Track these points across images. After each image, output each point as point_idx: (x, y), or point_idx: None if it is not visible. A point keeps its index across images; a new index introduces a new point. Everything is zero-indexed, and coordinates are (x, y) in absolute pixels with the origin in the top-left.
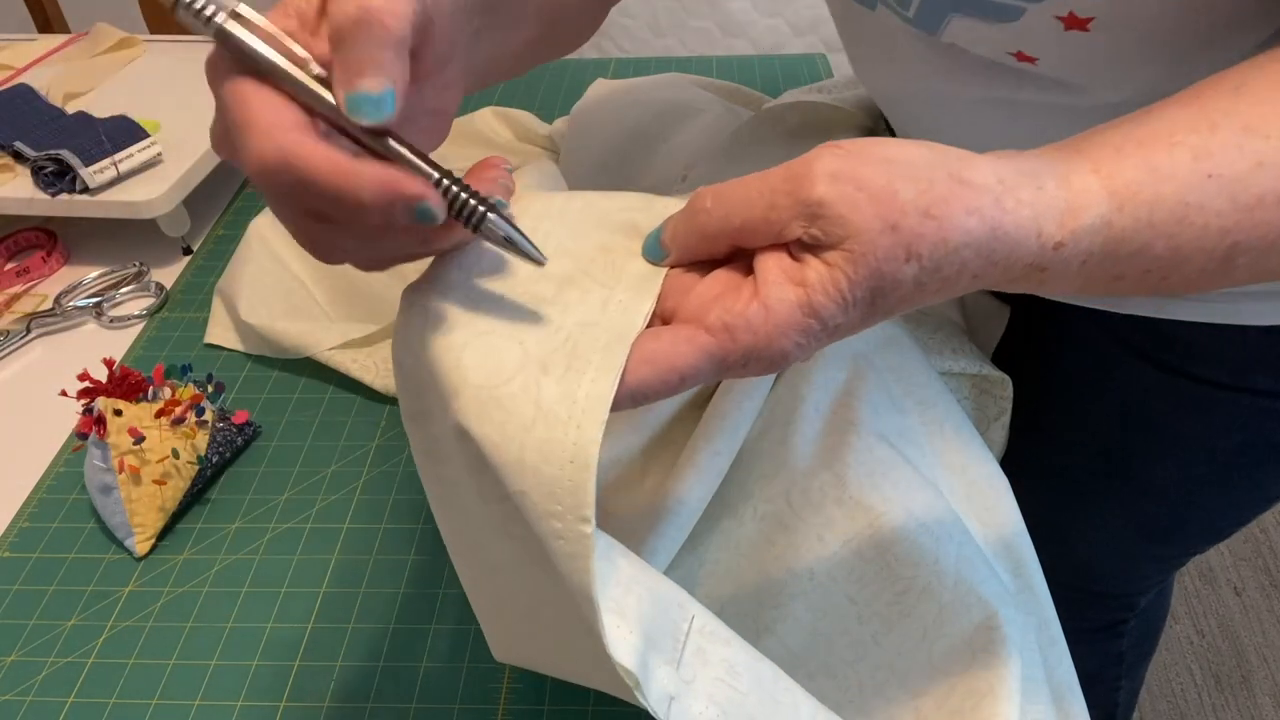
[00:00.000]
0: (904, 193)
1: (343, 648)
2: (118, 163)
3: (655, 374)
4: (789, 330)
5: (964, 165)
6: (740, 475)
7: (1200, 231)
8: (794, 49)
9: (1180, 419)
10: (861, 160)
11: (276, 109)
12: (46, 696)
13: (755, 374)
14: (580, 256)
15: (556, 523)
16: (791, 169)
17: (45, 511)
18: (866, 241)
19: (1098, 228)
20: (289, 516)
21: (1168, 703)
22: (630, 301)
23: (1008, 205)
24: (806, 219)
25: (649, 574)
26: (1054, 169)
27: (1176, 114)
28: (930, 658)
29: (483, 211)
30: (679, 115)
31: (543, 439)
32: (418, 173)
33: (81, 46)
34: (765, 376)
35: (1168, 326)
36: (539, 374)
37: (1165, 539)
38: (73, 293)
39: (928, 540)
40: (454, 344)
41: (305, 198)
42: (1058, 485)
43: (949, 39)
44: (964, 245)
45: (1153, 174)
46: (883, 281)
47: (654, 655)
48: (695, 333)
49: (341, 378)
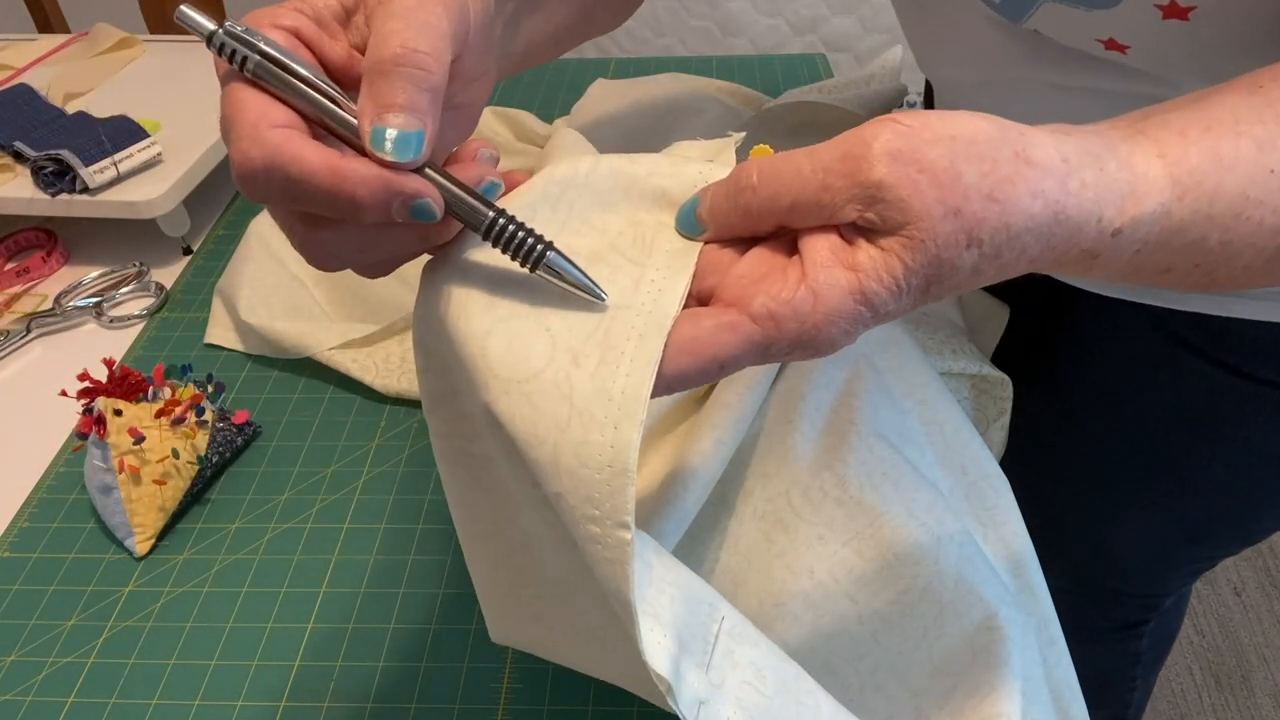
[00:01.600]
0: (967, 174)
1: (342, 648)
2: (118, 163)
3: (694, 364)
4: (839, 318)
5: (1028, 142)
6: (740, 475)
7: (1255, 228)
8: (794, 49)
9: (1234, 419)
10: (923, 138)
11: (263, 106)
12: (46, 696)
13: (798, 359)
14: (608, 230)
15: (594, 527)
16: (848, 147)
17: (45, 511)
18: (927, 228)
19: (1157, 216)
20: (289, 516)
21: (1168, 703)
22: (664, 281)
23: (1072, 187)
24: (863, 202)
25: (679, 571)
26: (1116, 149)
27: (1240, 102)
28: (930, 657)
29: (541, 249)
30: (679, 115)
31: (578, 441)
32: (463, 208)
33: (81, 46)
34: (770, 366)
35: (1230, 324)
36: (570, 366)
37: (1204, 540)
38: (73, 293)
39: (928, 540)
40: (476, 331)
41: (299, 199)
42: (1098, 483)
43: (1033, 25)
44: (1026, 230)
45: (1217, 163)
46: (940, 269)
47: (686, 659)
48: (739, 319)
49: (341, 378)
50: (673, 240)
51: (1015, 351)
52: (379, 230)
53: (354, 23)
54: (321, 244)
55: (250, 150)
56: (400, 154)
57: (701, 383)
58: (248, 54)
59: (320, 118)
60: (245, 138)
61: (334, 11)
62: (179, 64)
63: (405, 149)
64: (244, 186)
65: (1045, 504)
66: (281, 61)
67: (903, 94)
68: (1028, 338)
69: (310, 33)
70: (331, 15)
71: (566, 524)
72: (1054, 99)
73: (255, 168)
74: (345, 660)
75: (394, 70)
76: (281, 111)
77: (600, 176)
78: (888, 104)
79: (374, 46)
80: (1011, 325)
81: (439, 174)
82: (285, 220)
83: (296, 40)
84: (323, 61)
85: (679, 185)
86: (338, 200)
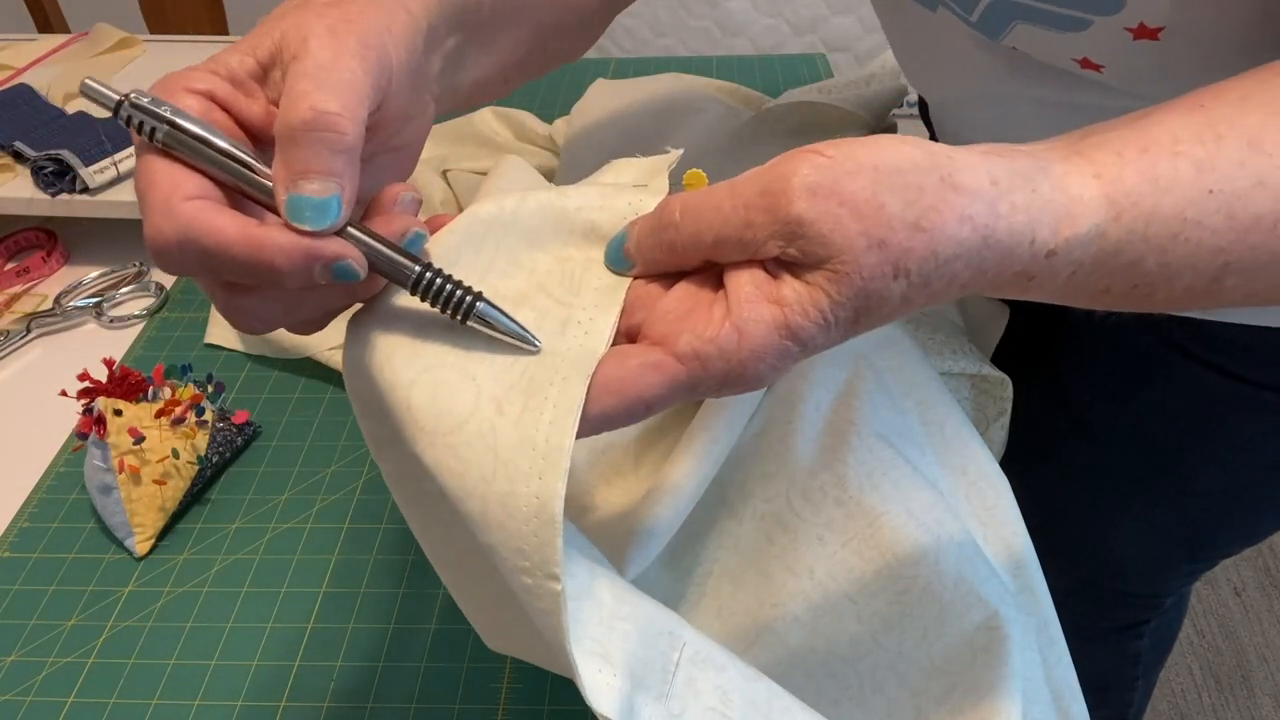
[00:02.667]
0: (891, 205)
1: (343, 648)
2: (118, 163)
3: (620, 404)
4: (765, 354)
5: (955, 166)
6: (740, 475)
7: (1193, 249)
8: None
9: (1229, 421)
10: (843, 169)
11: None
12: (46, 696)
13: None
14: (536, 269)
15: (526, 579)
16: (766, 182)
17: (45, 511)
18: (850, 260)
19: (1092, 238)
20: (289, 516)
21: (1168, 703)
22: (590, 322)
23: (1001, 210)
24: (785, 238)
25: (635, 602)
26: (1049, 170)
27: (1180, 121)
28: (930, 657)
29: (470, 301)
30: (679, 115)
31: (504, 493)
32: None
33: (81, 46)
34: None
35: (1219, 329)
36: (494, 415)
37: (1203, 540)
38: (73, 293)
39: (928, 540)
40: (400, 382)
41: (218, 270)
42: (1098, 483)
43: (1011, 43)
44: (955, 257)
45: (1154, 184)
46: (868, 300)
47: (640, 695)
48: (663, 359)
49: (341, 378)
50: (602, 276)
51: (1015, 351)
52: (303, 292)
53: (271, 79)
54: (247, 310)
55: (162, 225)
56: (318, 222)
57: (629, 423)
58: (155, 125)
59: (236, 184)
60: (157, 212)
61: (249, 69)
62: (179, 64)
63: (323, 216)
64: (160, 261)
65: (1045, 504)
66: (189, 130)
67: (903, 94)
68: (1028, 338)
69: (224, 94)
70: (247, 73)
71: (502, 574)
72: (1041, 114)
73: (168, 242)
74: (345, 660)
75: (305, 135)
76: (195, 182)
77: (528, 213)
78: (888, 104)
79: (284, 110)
80: (1011, 325)
81: (360, 231)
82: (208, 288)
83: (211, 103)
84: (241, 122)
85: (608, 219)
86: (257, 270)
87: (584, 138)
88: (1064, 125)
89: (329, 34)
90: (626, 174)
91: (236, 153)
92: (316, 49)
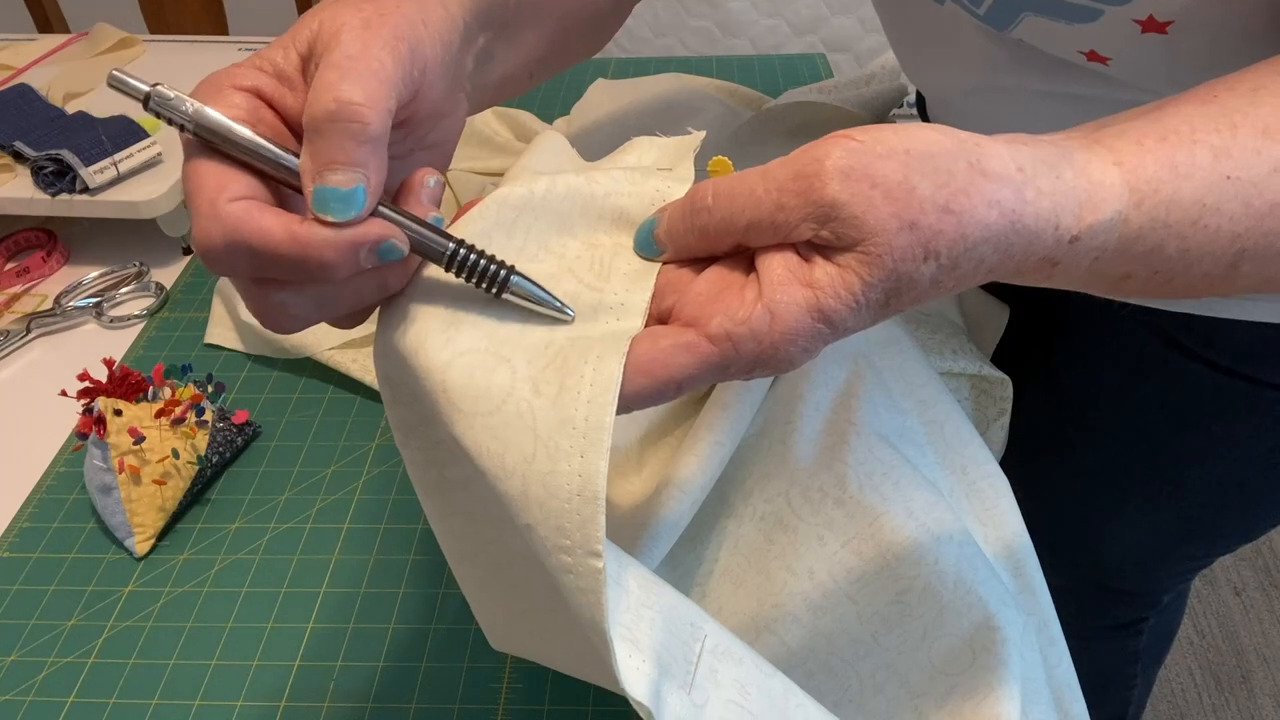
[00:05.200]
0: (922, 188)
1: (343, 648)
2: (118, 163)
3: (651, 385)
4: (796, 336)
5: (983, 153)
6: (740, 475)
7: (1212, 235)
8: (794, 49)
9: (1228, 419)
10: (875, 153)
11: (221, 179)
12: (46, 696)
13: (759, 377)
14: (566, 254)
15: (566, 557)
16: (800, 166)
17: (45, 511)
18: (882, 243)
19: (1114, 223)
20: (289, 516)
21: (1168, 703)
22: (621, 306)
23: (1028, 196)
24: (818, 221)
25: (660, 592)
26: (1071, 158)
27: (1195, 111)
28: (930, 657)
29: (505, 274)
30: (679, 115)
31: (545, 472)
32: (427, 242)
33: (81, 46)
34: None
35: (1218, 325)
36: (531, 396)
37: (1201, 538)
38: (73, 293)
39: (928, 540)
40: (435, 365)
41: (266, 270)
42: (1097, 482)
43: (1018, 35)
44: (983, 241)
45: (1173, 171)
46: (899, 282)
47: (667, 682)
48: (696, 340)
49: (341, 378)
50: (631, 262)
51: (1015, 351)
52: (338, 285)
53: (309, 72)
54: (282, 306)
55: (210, 228)
56: (343, 213)
57: (659, 402)
58: (178, 117)
59: (276, 173)
60: (204, 215)
61: (293, 64)
62: (179, 64)
63: (348, 207)
64: (208, 264)
65: (1045, 503)
66: (212, 120)
67: (903, 94)
68: (1028, 338)
69: (271, 89)
70: (292, 68)
71: (539, 555)
72: (1042, 105)
73: (216, 245)
74: (345, 660)
75: (328, 126)
76: (240, 183)
77: (557, 197)
78: (888, 104)
79: (310, 101)
80: (1011, 325)
81: (393, 211)
82: (242, 287)
83: (258, 100)
84: (287, 116)
85: (637, 204)
86: (307, 266)
87: (584, 137)
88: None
89: (362, 27)
90: (649, 154)
91: (261, 141)
92: (348, 41)
